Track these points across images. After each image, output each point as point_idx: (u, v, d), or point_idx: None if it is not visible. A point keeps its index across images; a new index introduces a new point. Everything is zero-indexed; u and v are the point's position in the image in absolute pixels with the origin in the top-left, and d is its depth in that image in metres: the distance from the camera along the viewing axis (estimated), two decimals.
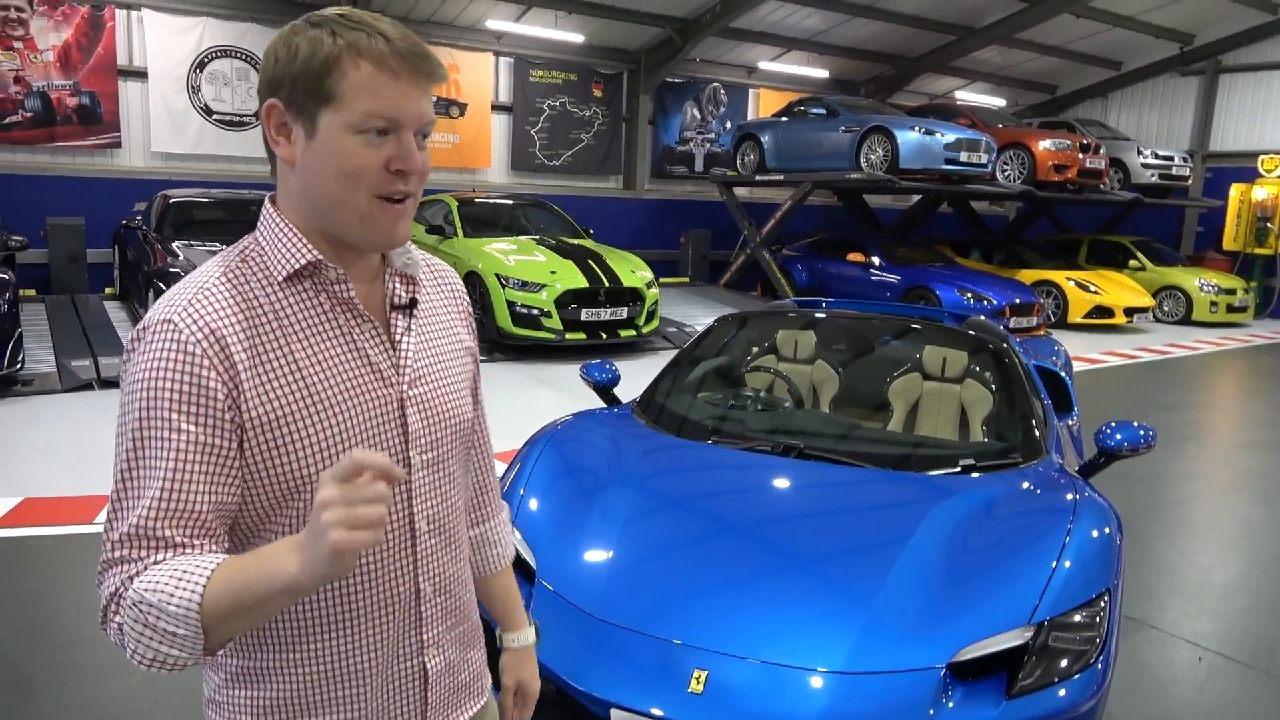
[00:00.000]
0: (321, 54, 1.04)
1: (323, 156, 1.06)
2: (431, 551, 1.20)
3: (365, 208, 1.08)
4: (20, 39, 10.96)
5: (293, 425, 1.06)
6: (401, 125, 1.06)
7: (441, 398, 1.21)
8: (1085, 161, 13.77)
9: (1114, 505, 2.92)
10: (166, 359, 1.02)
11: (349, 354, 1.12)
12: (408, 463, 1.16)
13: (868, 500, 2.99)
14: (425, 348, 1.21)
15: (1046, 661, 2.30)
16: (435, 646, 1.23)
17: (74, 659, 3.20)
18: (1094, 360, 10.81)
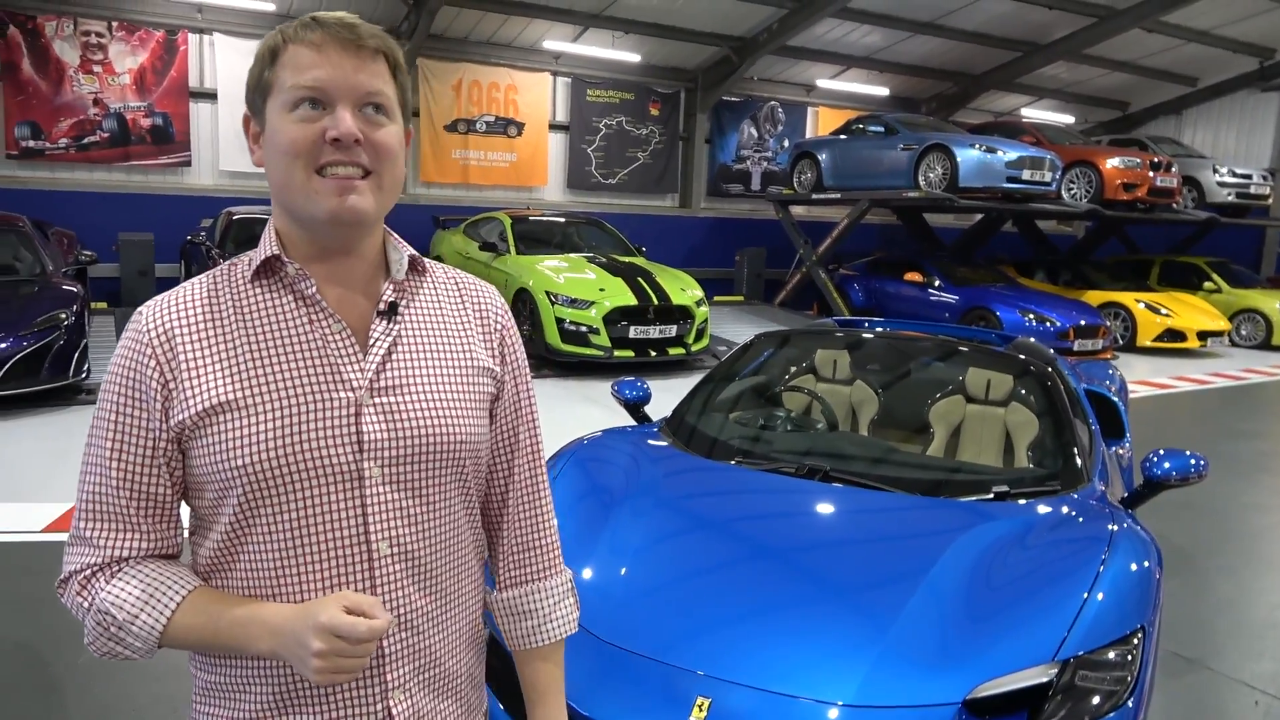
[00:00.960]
0: (261, 53, 1.09)
1: (268, 144, 1.09)
2: (394, 580, 1.12)
3: (305, 183, 1.07)
4: (100, 63, 11.46)
5: (230, 415, 1.06)
6: (332, 96, 1.06)
7: (419, 411, 1.13)
8: (1156, 180, 13.32)
9: (1156, 539, 2.76)
10: (123, 349, 1.09)
11: (305, 351, 1.09)
12: (360, 474, 1.09)
13: (890, 527, 2.89)
14: (409, 357, 1.15)
15: (1072, 701, 2.17)
16: (401, 689, 1.14)
17: (103, 665, 3.26)
18: (1163, 385, 10.40)
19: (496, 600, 1.32)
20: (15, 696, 3.02)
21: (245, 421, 1.05)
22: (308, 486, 1.07)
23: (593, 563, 2.67)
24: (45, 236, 8.65)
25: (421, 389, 1.14)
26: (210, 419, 1.06)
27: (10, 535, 4.40)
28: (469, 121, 13.99)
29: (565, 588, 1.35)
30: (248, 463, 1.05)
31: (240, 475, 1.05)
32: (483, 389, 1.22)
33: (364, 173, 1.08)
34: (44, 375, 6.66)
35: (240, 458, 1.05)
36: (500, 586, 1.33)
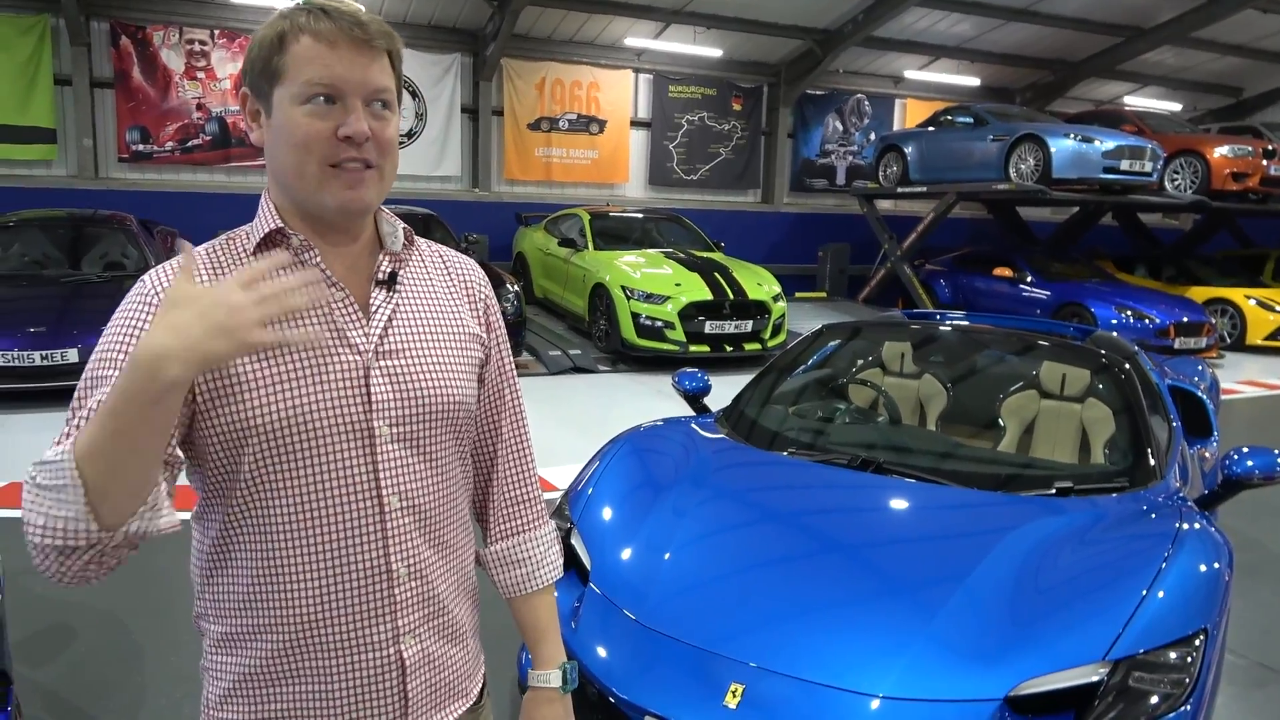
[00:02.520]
0: (269, 37, 1.12)
1: (277, 132, 1.13)
2: (404, 531, 1.18)
3: (318, 176, 1.12)
4: (203, 69, 12.04)
5: (245, 378, 1.10)
6: (344, 92, 1.11)
7: (421, 374, 1.20)
8: (1269, 169, 12.55)
9: (1240, 541, 2.62)
10: (127, 309, 1.12)
11: (314, 318, 1.14)
12: (370, 432, 1.15)
13: (943, 521, 2.81)
14: (408, 324, 1.21)
15: (1125, 703, 2.08)
16: (412, 635, 1.20)
17: (180, 633, 3.43)
18: (1272, 386, 9.81)
19: (489, 553, 1.40)
20: (98, 661, 3.21)
21: (261, 382, 1.10)
22: (324, 442, 1.13)
23: (638, 547, 2.69)
24: (150, 235, 9.13)
25: (422, 354, 1.21)
26: (223, 379, 1.09)
27: None
28: (552, 119, 14.16)
29: (551, 537, 1.44)
30: (266, 420, 1.10)
31: (257, 433, 1.10)
32: (473, 354, 1.29)
33: (368, 165, 1.13)
34: None
35: (260, 416, 1.10)
36: (491, 540, 1.40)
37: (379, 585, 1.17)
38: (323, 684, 1.17)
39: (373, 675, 1.18)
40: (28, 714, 2.77)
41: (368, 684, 1.18)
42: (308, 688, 1.17)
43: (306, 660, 1.16)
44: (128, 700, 2.96)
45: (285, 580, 1.14)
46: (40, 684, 3.01)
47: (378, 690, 1.19)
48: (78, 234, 8.45)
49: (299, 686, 1.17)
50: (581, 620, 2.51)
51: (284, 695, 1.18)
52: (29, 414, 6.49)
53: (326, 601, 1.15)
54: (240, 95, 1.18)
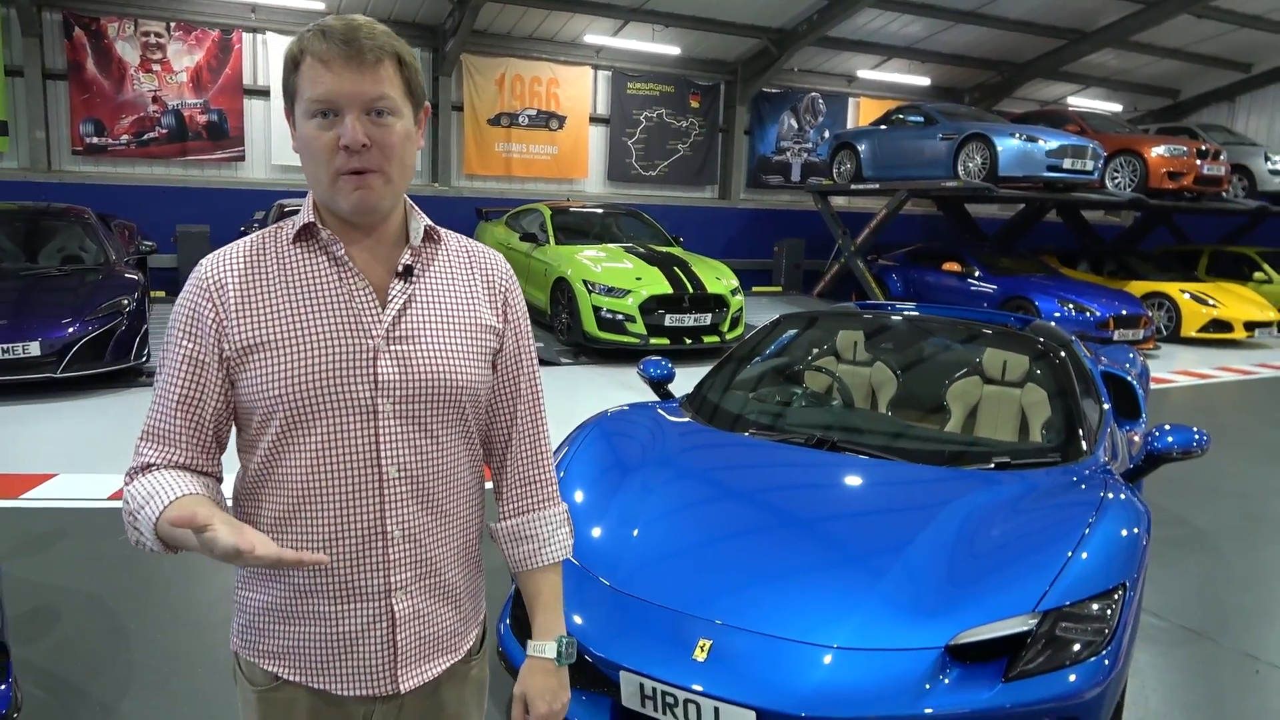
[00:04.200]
0: (287, 58, 1.27)
1: (299, 143, 1.28)
2: (400, 499, 1.31)
3: (330, 182, 1.26)
4: (159, 62, 11.94)
5: (267, 351, 1.27)
6: (340, 106, 1.23)
7: (428, 358, 1.32)
8: (1203, 168, 13.11)
9: (1149, 509, 2.88)
10: (185, 294, 1.32)
11: (334, 303, 1.29)
12: (374, 408, 1.29)
13: (891, 491, 3.04)
14: (422, 312, 1.33)
15: (1052, 649, 2.32)
16: (403, 591, 1.33)
17: (164, 615, 3.54)
18: (1204, 375, 10.30)
19: (500, 528, 1.50)
20: (86, 640, 3.31)
21: (283, 357, 1.26)
22: (331, 416, 1.27)
23: (610, 521, 2.87)
24: (108, 228, 9.07)
25: (430, 340, 1.33)
26: (254, 353, 1.26)
27: (80, 502, 4.74)
28: (511, 115, 14.26)
29: (561, 517, 1.53)
30: (284, 392, 1.26)
31: (278, 403, 1.26)
32: (485, 343, 1.40)
33: (374, 169, 1.25)
34: (108, 358, 7.05)
35: (278, 387, 1.26)
36: (502, 516, 1.51)
37: (374, 544, 1.31)
38: (323, 627, 1.32)
39: (366, 624, 1.32)
40: (24, 690, 2.87)
41: (361, 631, 1.32)
42: (311, 628, 1.32)
43: (310, 604, 1.31)
44: (117, 676, 3.07)
45: (296, 530, 1.29)
46: (30, 661, 3.11)
47: (370, 637, 1.33)
48: (34, 227, 8.38)
49: (304, 627, 1.32)
50: None
51: (291, 634, 1.33)
52: None
53: (329, 553, 1.29)
54: (285, 110, 1.32)
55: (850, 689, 2.23)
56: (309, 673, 1.34)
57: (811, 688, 2.23)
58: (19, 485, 4.93)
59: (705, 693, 2.25)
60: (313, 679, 1.34)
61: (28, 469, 5.19)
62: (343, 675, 1.34)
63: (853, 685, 2.24)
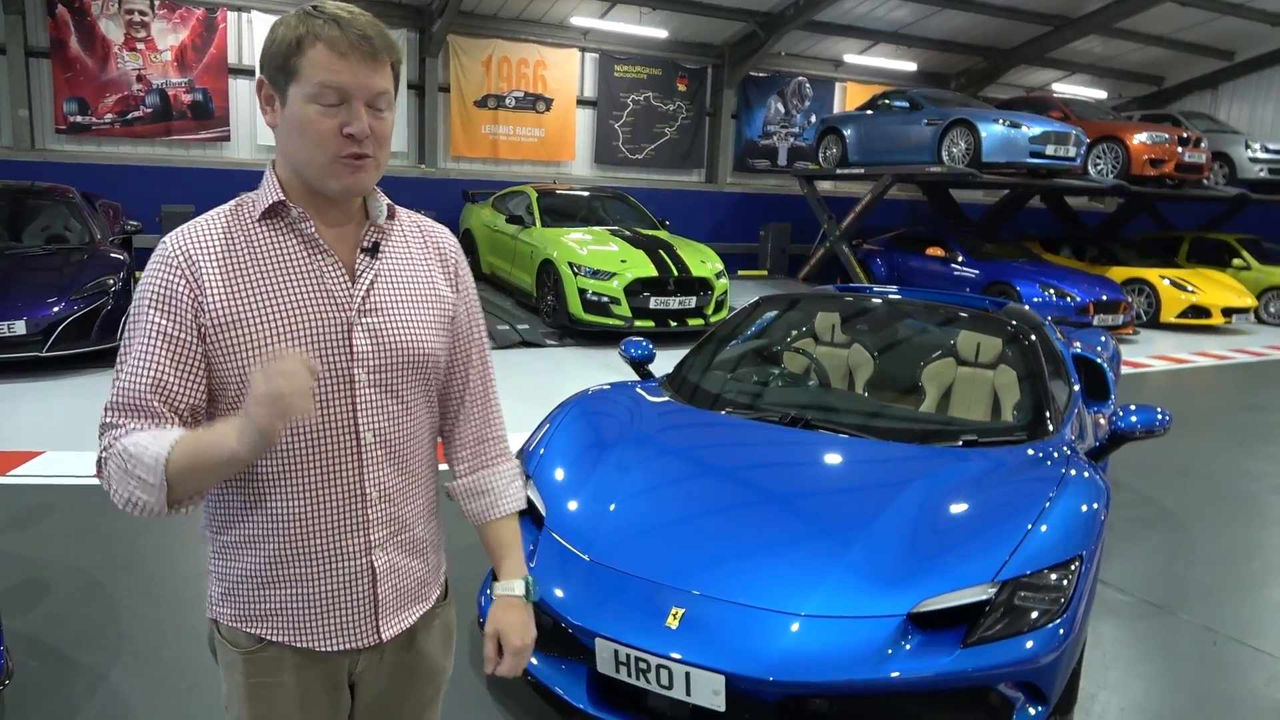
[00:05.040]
0: (289, 38, 1.30)
1: (292, 122, 1.32)
2: (377, 462, 1.40)
3: (327, 164, 1.32)
4: (143, 40, 11.86)
5: (244, 327, 1.31)
6: (350, 95, 1.30)
7: (396, 329, 1.41)
8: (1184, 155, 13.24)
9: (1109, 485, 2.99)
10: (152, 270, 1.33)
11: (307, 279, 1.35)
12: (351, 378, 1.37)
13: (861, 468, 3.14)
14: (388, 286, 1.42)
15: (1010, 617, 2.42)
16: (381, 549, 1.43)
17: (153, 587, 3.61)
18: (1181, 360, 10.45)
19: (457, 486, 1.60)
20: (75, 612, 3.37)
21: (263, 331, 1.31)
22: (317, 391, 1.32)
23: (589, 497, 2.96)
24: (93, 207, 9.05)
25: (398, 312, 1.42)
26: (233, 328, 1.31)
27: (67, 479, 4.78)
28: (498, 97, 14.24)
29: (514, 472, 1.64)
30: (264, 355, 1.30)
31: (253, 364, 1.29)
32: (444, 313, 1.50)
33: (369, 155, 1.33)
34: (93, 337, 7.06)
35: (259, 361, 1.28)
36: (458, 475, 1.60)
37: (355, 506, 1.39)
38: (307, 588, 1.39)
39: (349, 581, 1.41)
40: (16, 659, 2.94)
41: (344, 589, 1.41)
42: (294, 590, 1.39)
43: (292, 568, 1.38)
44: (106, 646, 3.14)
45: (279, 498, 1.36)
46: (21, 632, 3.17)
47: (353, 594, 1.42)
48: (18, 206, 8.36)
49: (287, 589, 1.39)
50: (538, 561, 2.78)
51: (275, 598, 1.39)
52: None
53: (310, 518, 1.37)
54: (257, 82, 1.35)
55: (815, 655, 2.33)
56: (295, 633, 1.40)
57: (779, 653, 2.33)
58: (7, 462, 4.97)
59: (676, 658, 2.35)
60: (299, 639, 1.41)
61: (15, 446, 5.23)
62: (329, 632, 1.42)
63: (818, 651, 2.34)
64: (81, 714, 2.77)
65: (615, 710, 2.53)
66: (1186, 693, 3.16)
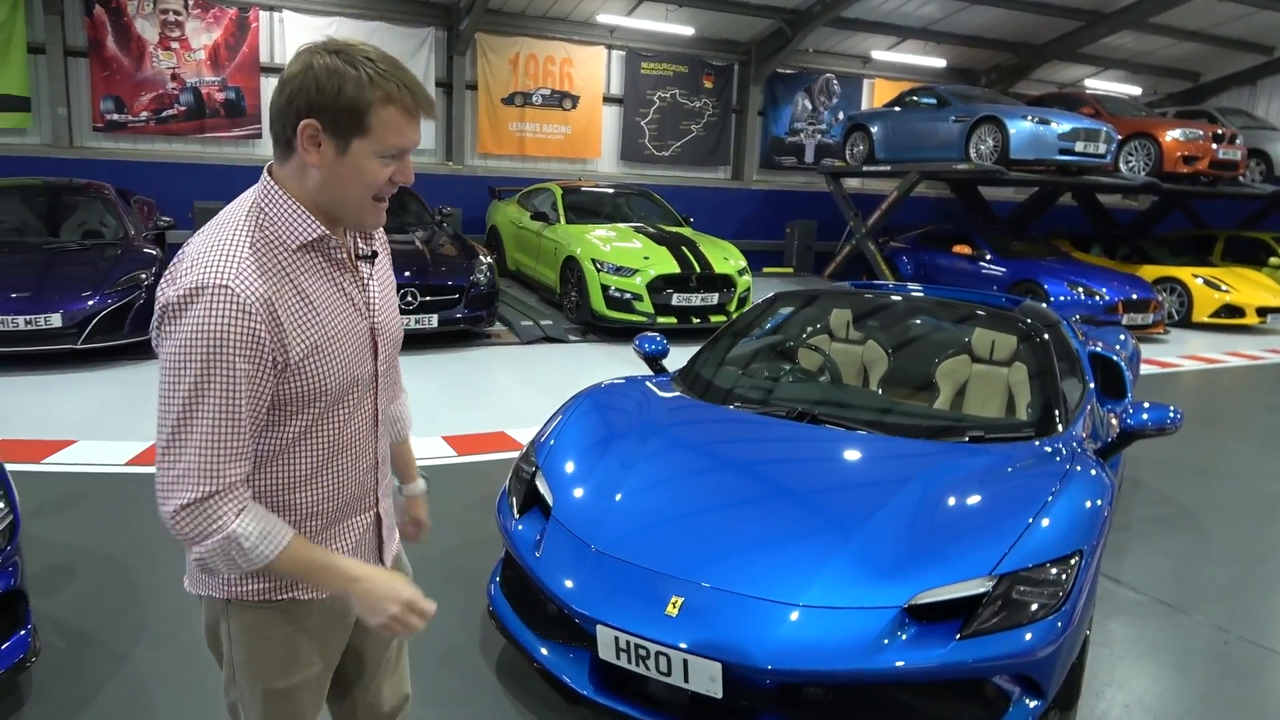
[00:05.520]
0: (365, 98, 1.37)
1: (350, 169, 1.41)
2: (381, 435, 1.68)
3: (364, 205, 1.47)
4: (177, 40, 12.09)
5: (319, 354, 1.45)
6: (407, 151, 1.45)
7: (390, 322, 1.65)
8: (1219, 152, 13.02)
9: (1115, 482, 2.99)
10: (230, 318, 1.33)
11: (341, 299, 1.51)
12: (376, 374, 1.61)
13: (865, 462, 3.16)
14: (380, 289, 1.63)
15: (1007, 610, 2.44)
16: (381, 500, 1.72)
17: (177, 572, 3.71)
18: (1212, 360, 10.30)
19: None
20: (101, 596, 3.49)
21: (331, 355, 1.48)
22: (358, 390, 1.57)
23: (594, 488, 3.01)
24: (127, 204, 9.25)
25: (387, 308, 1.64)
26: (311, 357, 1.44)
27: (98, 467, 4.92)
28: (525, 95, 14.34)
29: (406, 401, 1.96)
30: (333, 384, 1.49)
31: (324, 392, 1.48)
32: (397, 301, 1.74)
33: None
34: (126, 330, 7.24)
35: (328, 381, 1.48)
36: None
37: (371, 473, 1.67)
38: (339, 542, 1.62)
39: (365, 531, 1.69)
40: (43, 639, 3.05)
41: (364, 534, 1.69)
42: (330, 547, 1.59)
43: (328, 533, 1.60)
44: (130, 628, 3.25)
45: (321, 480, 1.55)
46: (48, 614, 3.29)
47: (370, 536, 1.71)
48: (56, 202, 8.58)
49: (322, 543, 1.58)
50: (544, 549, 2.83)
51: None
52: (12, 377, 6.69)
53: (344, 492, 1.60)
54: (303, 124, 1.37)
55: (811, 644, 2.36)
56: None
57: (775, 642, 2.37)
58: (40, 450, 5.12)
59: (675, 646, 2.39)
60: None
61: (48, 435, 5.38)
62: None
63: (814, 641, 2.37)
64: (103, 691, 2.87)
65: (617, 697, 2.58)
66: (1193, 691, 3.15)
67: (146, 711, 2.78)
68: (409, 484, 1.99)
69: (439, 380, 7.38)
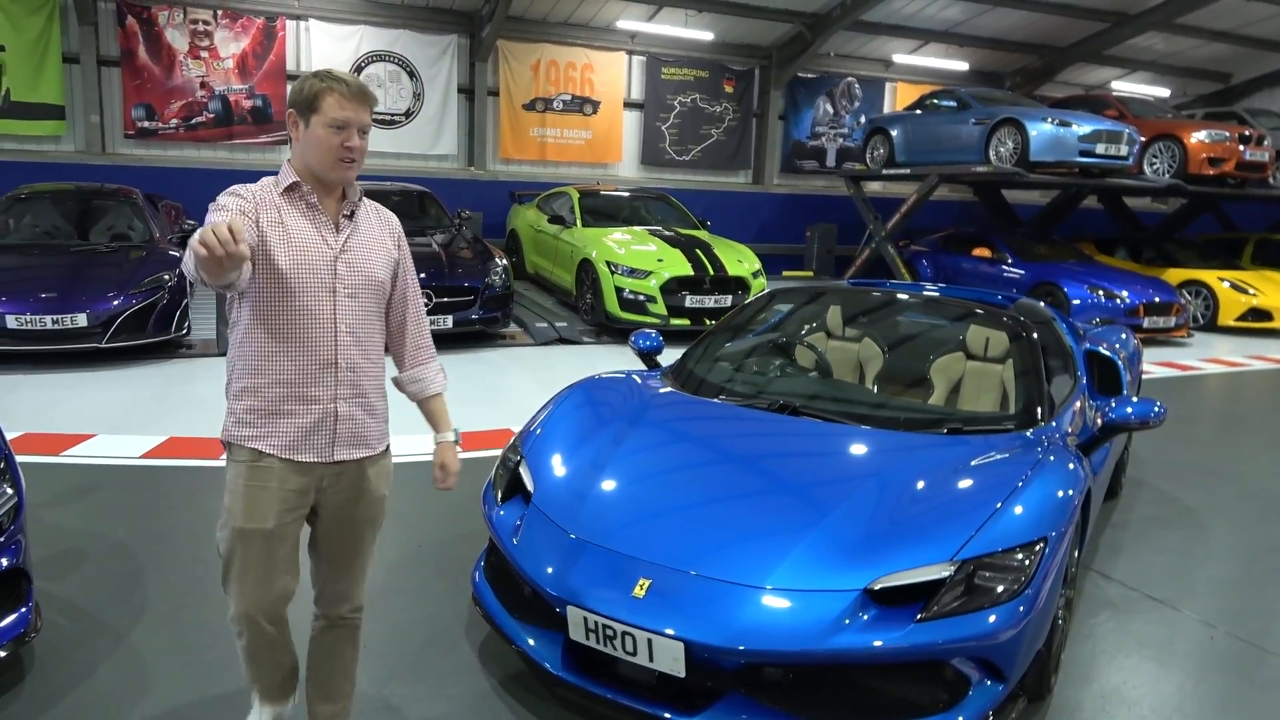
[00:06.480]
0: (314, 89, 2.13)
1: (312, 138, 2.15)
2: (345, 345, 2.21)
3: (332, 164, 2.15)
4: (206, 49, 12.39)
5: (277, 246, 2.12)
6: (350, 126, 2.12)
7: (361, 262, 2.24)
8: (1245, 154, 12.84)
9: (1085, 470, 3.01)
10: (233, 200, 2.11)
11: (311, 230, 2.18)
12: (334, 290, 2.18)
13: (840, 451, 3.21)
14: (357, 239, 2.26)
15: (968, 595, 2.48)
16: (344, 400, 2.23)
17: (182, 558, 3.85)
18: (1234, 363, 10.17)
19: (401, 377, 2.47)
20: (107, 579, 3.62)
21: (283, 250, 2.12)
22: (309, 290, 2.15)
23: (574, 475, 3.09)
24: (155, 208, 9.51)
25: (363, 254, 2.26)
26: (267, 241, 2.11)
27: (115, 459, 5.09)
28: (546, 100, 14.49)
29: (438, 367, 2.50)
30: (283, 269, 2.12)
31: (277, 275, 2.11)
32: (389, 258, 2.34)
33: (357, 160, 2.16)
34: (149, 330, 7.45)
35: (279, 265, 2.11)
36: (402, 370, 2.47)
37: (328, 371, 2.20)
38: (295, 419, 2.19)
39: (321, 419, 2.21)
40: (47, 619, 3.18)
41: (318, 424, 2.21)
42: (287, 421, 2.18)
43: (288, 405, 2.18)
44: (132, 609, 3.37)
45: (278, 361, 2.16)
46: (56, 595, 3.43)
47: (323, 428, 2.21)
48: (86, 206, 8.84)
49: (282, 420, 2.18)
50: (522, 534, 2.92)
51: (273, 423, 2.18)
52: (39, 374, 6.91)
53: (302, 375, 2.17)
54: (288, 113, 2.18)
55: (770, 625, 2.42)
56: (284, 448, 2.19)
57: (737, 624, 2.43)
58: (60, 444, 5.30)
59: (639, 626, 2.46)
60: (285, 452, 2.19)
61: (70, 430, 5.57)
62: (304, 449, 2.20)
63: (773, 622, 2.43)
64: (102, 666, 2.99)
65: (589, 677, 2.66)
66: (1171, 685, 3.16)
67: (141, 687, 2.90)
68: (439, 433, 2.48)
69: (452, 379, 7.40)
